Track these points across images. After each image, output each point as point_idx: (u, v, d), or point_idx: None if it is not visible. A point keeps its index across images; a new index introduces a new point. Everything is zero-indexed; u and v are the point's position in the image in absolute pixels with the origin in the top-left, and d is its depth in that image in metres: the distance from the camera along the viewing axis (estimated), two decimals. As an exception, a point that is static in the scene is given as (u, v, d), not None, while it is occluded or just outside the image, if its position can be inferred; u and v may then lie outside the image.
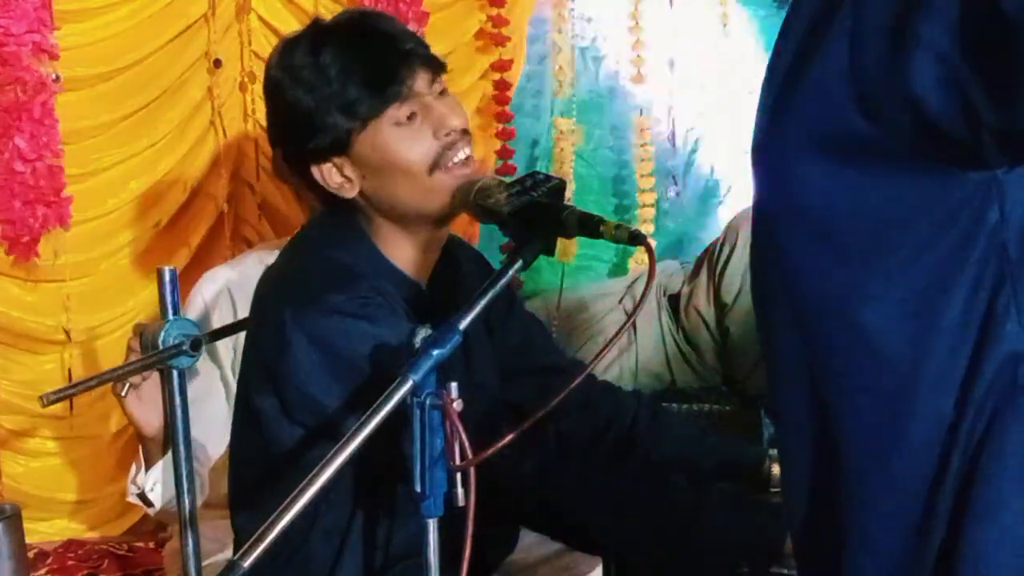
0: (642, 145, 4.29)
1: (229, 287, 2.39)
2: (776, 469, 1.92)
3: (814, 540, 1.29)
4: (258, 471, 1.81)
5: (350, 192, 1.83)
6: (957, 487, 1.15)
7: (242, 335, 1.97)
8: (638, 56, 4.25)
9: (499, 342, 1.98)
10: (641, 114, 4.31)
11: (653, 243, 3.83)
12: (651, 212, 4.29)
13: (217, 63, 3.44)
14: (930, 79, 1.06)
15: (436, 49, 1.88)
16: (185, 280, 2.58)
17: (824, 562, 1.26)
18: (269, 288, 1.82)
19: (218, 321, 2.28)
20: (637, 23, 4.23)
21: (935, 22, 1.05)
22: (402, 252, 1.86)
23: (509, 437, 1.34)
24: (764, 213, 1.25)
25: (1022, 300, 1.13)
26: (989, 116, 1.05)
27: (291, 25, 3.52)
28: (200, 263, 3.33)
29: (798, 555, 1.36)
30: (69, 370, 3.40)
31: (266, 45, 3.51)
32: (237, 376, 1.95)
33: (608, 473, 1.73)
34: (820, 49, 1.15)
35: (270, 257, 1.91)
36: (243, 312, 2.13)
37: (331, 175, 1.82)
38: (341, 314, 1.70)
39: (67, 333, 3.36)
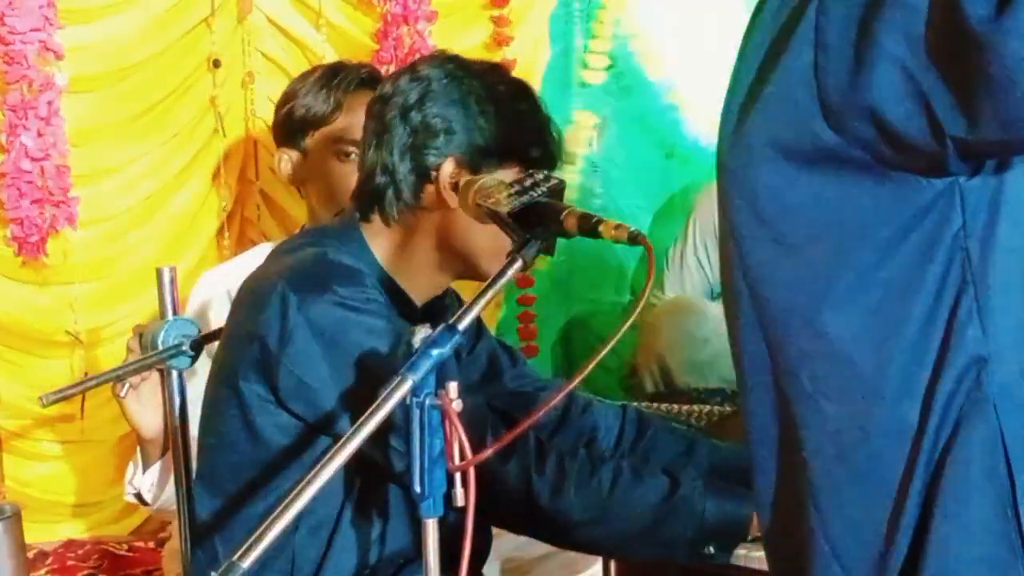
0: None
1: (228, 285, 2.38)
2: None
3: (784, 547, 1.29)
4: (233, 456, 1.79)
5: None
6: (923, 493, 1.16)
7: None
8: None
9: (465, 369, 1.96)
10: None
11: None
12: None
13: (216, 63, 3.42)
14: (893, 89, 1.08)
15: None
16: (190, 282, 2.59)
17: (794, 568, 1.25)
18: (267, 279, 1.79)
19: (216, 320, 2.27)
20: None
21: (897, 33, 1.06)
22: (417, 277, 1.84)
23: (507, 438, 1.36)
24: (729, 220, 1.26)
25: (984, 305, 1.14)
26: (952, 126, 1.06)
27: (297, 23, 3.51)
28: (206, 264, 3.33)
29: (770, 561, 1.36)
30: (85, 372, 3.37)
31: (273, 44, 3.50)
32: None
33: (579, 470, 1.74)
34: (784, 59, 1.16)
35: None
36: None
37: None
38: (345, 306, 1.70)
39: (75, 335, 3.35)
